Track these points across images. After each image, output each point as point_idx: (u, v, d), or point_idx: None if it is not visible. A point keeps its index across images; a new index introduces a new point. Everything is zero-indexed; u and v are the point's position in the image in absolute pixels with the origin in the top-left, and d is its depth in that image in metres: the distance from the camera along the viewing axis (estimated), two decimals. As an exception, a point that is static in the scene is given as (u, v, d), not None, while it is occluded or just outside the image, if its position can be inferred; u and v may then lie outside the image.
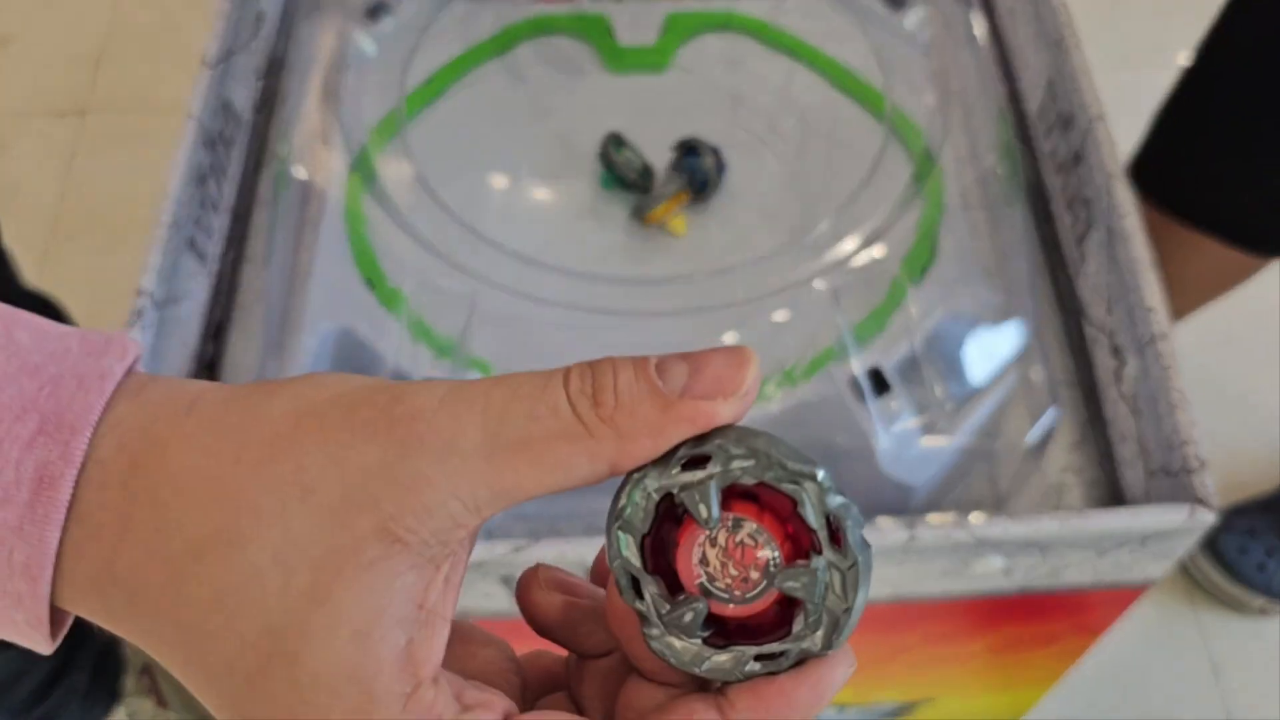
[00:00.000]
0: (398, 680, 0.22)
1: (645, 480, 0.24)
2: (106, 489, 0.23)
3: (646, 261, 0.72)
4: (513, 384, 0.23)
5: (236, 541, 0.22)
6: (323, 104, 0.76)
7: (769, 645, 0.24)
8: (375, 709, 0.22)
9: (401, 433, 0.23)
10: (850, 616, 0.24)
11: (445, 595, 0.23)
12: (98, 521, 0.23)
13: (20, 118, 1.62)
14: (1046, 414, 0.66)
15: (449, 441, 0.22)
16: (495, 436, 0.23)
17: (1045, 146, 0.77)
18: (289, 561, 0.22)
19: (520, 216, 0.73)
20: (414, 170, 0.73)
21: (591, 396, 0.23)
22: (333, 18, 0.80)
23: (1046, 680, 0.81)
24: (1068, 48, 0.73)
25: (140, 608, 0.23)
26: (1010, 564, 0.60)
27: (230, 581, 0.22)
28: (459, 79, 0.79)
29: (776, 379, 0.65)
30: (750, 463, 0.24)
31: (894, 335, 0.66)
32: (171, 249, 0.64)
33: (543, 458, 0.23)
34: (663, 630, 0.25)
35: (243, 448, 0.23)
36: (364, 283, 0.68)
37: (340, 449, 0.23)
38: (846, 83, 0.79)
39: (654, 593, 0.25)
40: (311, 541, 0.22)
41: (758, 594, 0.25)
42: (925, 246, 0.70)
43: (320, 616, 0.22)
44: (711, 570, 0.25)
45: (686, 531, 0.25)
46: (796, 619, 0.24)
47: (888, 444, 0.63)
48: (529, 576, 0.28)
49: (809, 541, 0.24)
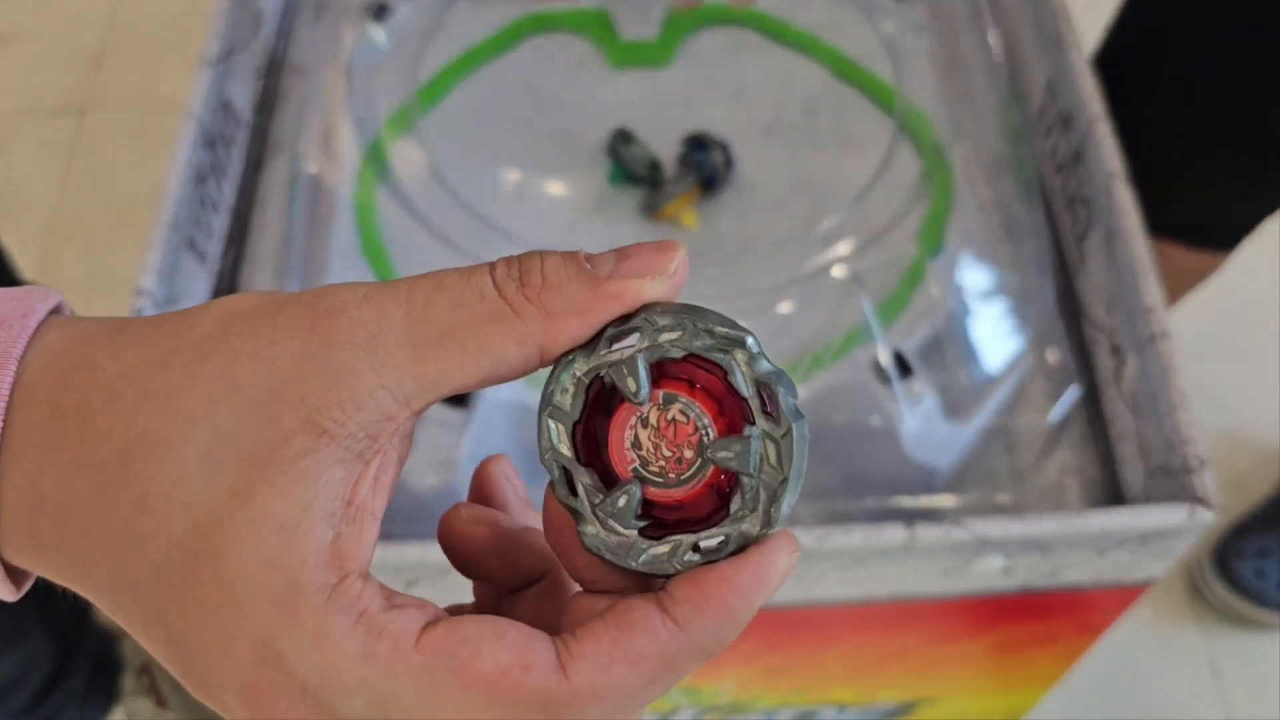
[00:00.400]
0: (323, 571, 0.22)
1: (574, 363, 0.24)
2: (33, 408, 0.23)
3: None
4: (436, 276, 0.23)
5: (164, 442, 0.22)
6: (334, 101, 0.76)
7: (707, 532, 0.24)
8: (300, 598, 0.21)
9: (325, 326, 0.22)
10: (787, 488, 0.23)
11: (375, 493, 0.23)
12: (23, 443, 0.22)
13: (20, 117, 1.62)
14: (1069, 391, 0.67)
15: (373, 333, 0.22)
16: (420, 325, 0.22)
17: (1045, 146, 0.77)
18: (216, 459, 0.22)
19: (531, 211, 0.74)
20: (427, 163, 0.73)
21: (518, 279, 0.23)
22: (334, 18, 0.81)
23: (1046, 680, 0.81)
24: (1068, 48, 0.73)
25: (67, 530, 0.22)
26: (1010, 564, 0.60)
27: (157, 482, 0.22)
28: (465, 77, 0.79)
29: (805, 364, 0.65)
30: (678, 333, 0.23)
31: (915, 317, 0.66)
32: (171, 249, 0.64)
33: (469, 344, 0.23)
34: (598, 526, 0.24)
35: (173, 353, 0.23)
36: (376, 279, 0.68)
37: (267, 345, 0.22)
38: (852, 74, 0.79)
39: (587, 484, 0.24)
40: (238, 438, 0.22)
41: (692, 474, 0.24)
42: (937, 232, 0.70)
43: (246, 511, 0.21)
44: (644, 453, 0.24)
45: (617, 419, 0.24)
46: (733, 500, 0.24)
47: (912, 426, 0.63)
48: (451, 514, 0.27)
49: (742, 417, 0.24)
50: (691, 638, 0.23)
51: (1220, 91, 0.80)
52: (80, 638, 1.01)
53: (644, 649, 0.23)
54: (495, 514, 0.28)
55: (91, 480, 0.22)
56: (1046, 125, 0.77)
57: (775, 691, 0.78)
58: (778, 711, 0.82)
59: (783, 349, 0.66)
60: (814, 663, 0.73)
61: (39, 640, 0.94)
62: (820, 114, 0.78)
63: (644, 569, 0.24)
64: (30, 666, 0.94)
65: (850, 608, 0.64)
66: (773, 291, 0.67)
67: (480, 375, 0.23)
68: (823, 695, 0.80)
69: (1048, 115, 0.76)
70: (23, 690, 0.95)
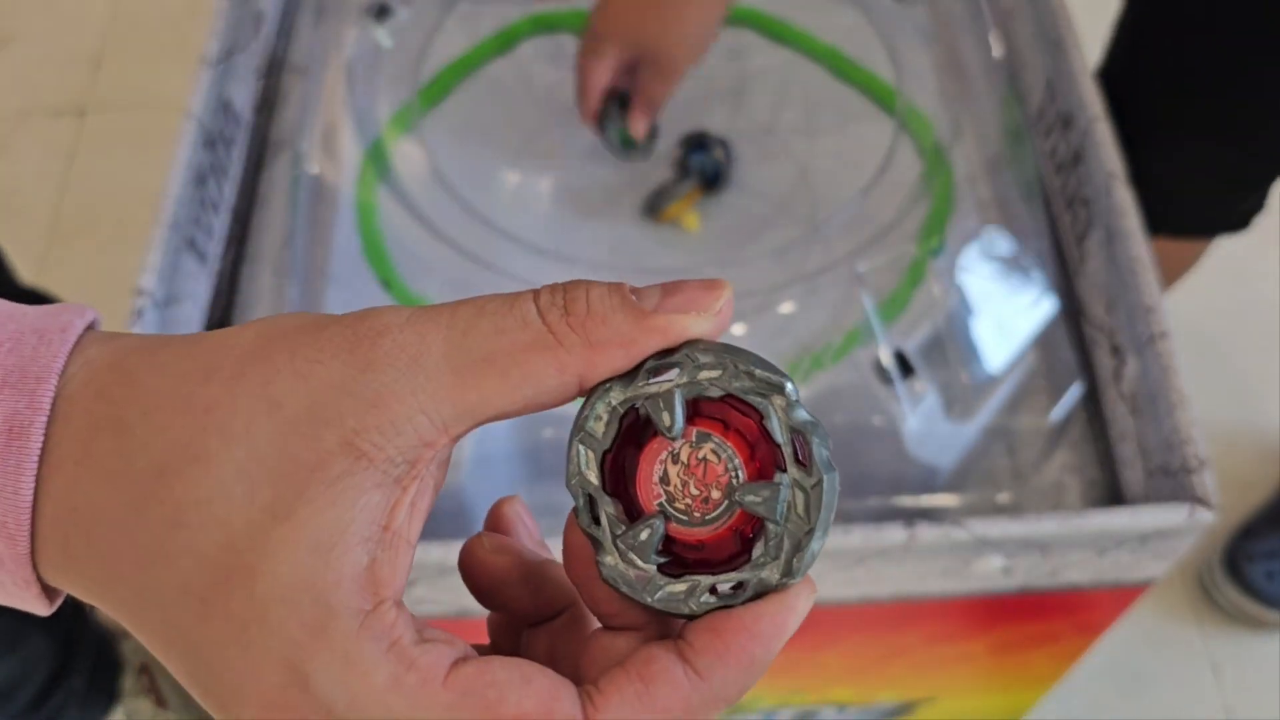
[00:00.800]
0: (357, 596, 0.21)
1: (610, 392, 0.24)
2: (71, 420, 0.22)
3: (660, 254, 0.73)
4: (479, 302, 0.23)
5: (201, 457, 0.22)
6: (335, 101, 0.76)
7: (726, 575, 0.23)
8: (332, 621, 0.21)
9: (367, 349, 0.22)
10: (812, 540, 0.23)
11: (411, 520, 0.23)
12: (60, 455, 0.22)
13: (20, 117, 1.62)
14: (1069, 391, 0.67)
15: (414, 357, 0.22)
16: (461, 351, 0.22)
17: (1045, 146, 0.77)
18: (253, 476, 0.21)
19: (531, 211, 0.74)
20: (428, 163, 0.73)
21: (563, 307, 0.23)
22: (334, 18, 0.81)
23: (1046, 680, 0.81)
24: (1067, 48, 0.73)
25: (96, 543, 0.22)
26: (1010, 564, 0.60)
27: (193, 497, 0.21)
28: (465, 77, 0.79)
29: (806, 364, 0.65)
30: (718, 372, 0.23)
31: (916, 316, 0.67)
32: (171, 249, 0.64)
33: (510, 371, 0.22)
34: (617, 558, 0.24)
35: (212, 369, 0.23)
36: (379, 283, 0.69)
37: (307, 364, 0.22)
38: (852, 74, 0.79)
39: (610, 514, 0.24)
40: (276, 456, 0.21)
41: (718, 515, 0.24)
42: (937, 232, 0.70)
43: (281, 531, 0.21)
44: (672, 489, 0.24)
45: (648, 453, 0.24)
46: (756, 546, 0.23)
47: (914, 425, 0.63)
48: (473, 543, 0.27)
49: (774, 463, 0.23)
50: (713, 687, 0.23)
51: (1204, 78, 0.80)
52: (80, 638, 1.01)
53: (667, 701, 0.22)
54: (518, 544, 0.27)
55: (125, 493, 0.22)
56: (1046, 125, 0.77)
57: (775, 691, 0.78)
58: (778, 711, 0.82)
59: (783, 349, 0.66)
60: (814, 662, 0.73)
61: (40, 641, 0.94)
62: (820, 114, 0.78)
63: (659, 606, 0.24)
64: (31, 667, 0.94)
65: (850, 608, 0.64)
66: (773, 291, 0.67)
67: (520, 403, 0.23)
68: (823, 695, 0.80)
69: (1048, 115, 0.76)
70: (24, 691, 0.95)
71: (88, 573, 0.22)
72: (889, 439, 0.64)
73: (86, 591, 0.23)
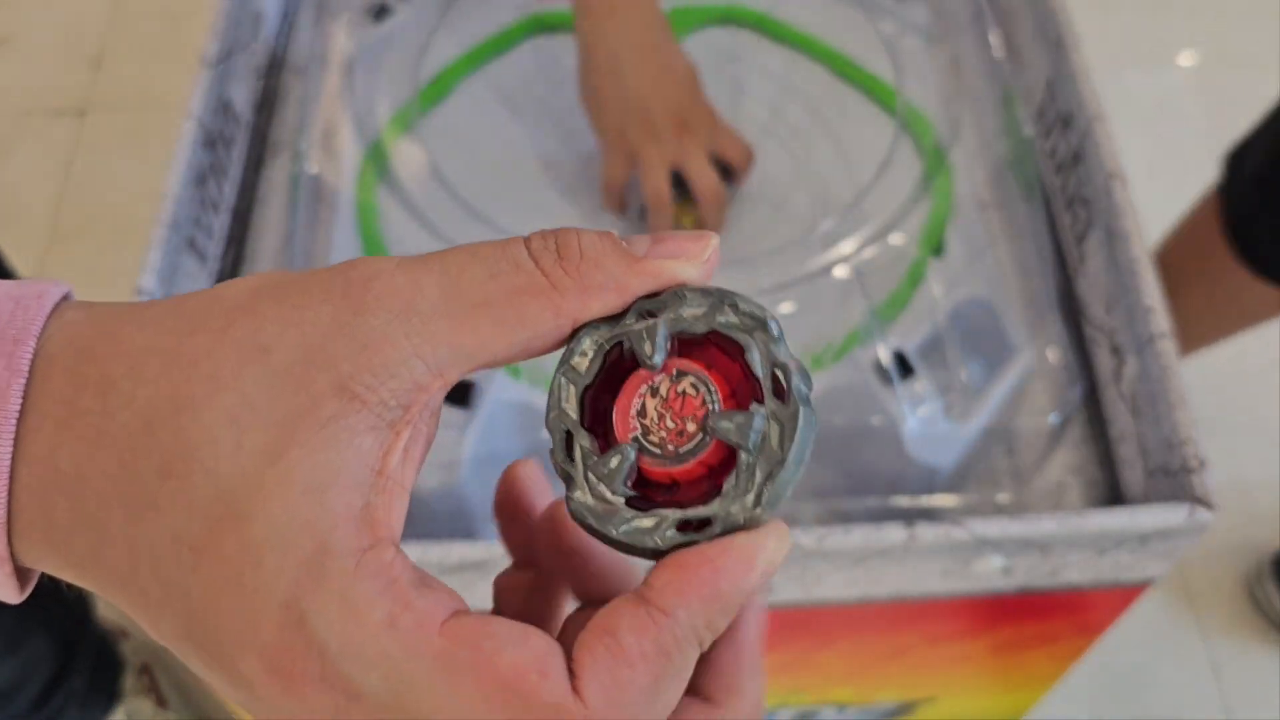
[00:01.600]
0: (354, 535, 0.21)
1: (598, 329, 0.24)
2: (51, 379, 0.22)
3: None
4: (472, 248, 0.23)
5: (189, 406, 0.21)
6: (334, 101, 0.76)
7: (695, 509, 0.23)
8: (329, 561, 0.21)
9: (358, 293, 0.22)
10: (783, 471, 0.23)
11: (405, 465, 0.22)
12: (40, 416, 0.21)
13: (20, 117, 1.62)
14: (1069, 391, 0.67)
15: (408, 301, 0.22)
16: (455, 295, 0.22)
17: (1045, 146, 0.77)
18: (244, 422, 0.21)
19: (531, 211, 0.74)
20: (428, 163, 0.73)
21: (555, 251, 0.23)
22: (334, 18, 0.81)
23: (1046, 680, 0.81)
24: (1067, 48, 0.73)
25: (84, 505, 0.21)
26: (1010, 564, 0.60)
27: (181, 447, 0.21)
28: (465, 77, 0.79)
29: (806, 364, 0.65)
30: (703, 309, 0.24)
31: (916, 316, 0.66)
32: (171, 249, 0.64)
33: (505, 314, 0.22)
34: (586, 491, 0.24)
35: (199, 322, 0.22)
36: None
37: (296, 311, 0.22)
38: (852, 74, 0.79)
39: (585, 446, 0.24)
40: (267, 401, 0.21)
41: (691, 448, 0.24)
42: (937, 232, 0.70)
43: (273, 473, 0.21)
44: (648, 422, 0.24)
45: (628, 388, 0.24)
46: (727, 480, 0.23)
47: (914, 426, 0.63)
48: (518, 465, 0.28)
49: (753, 400, 0.23)
50: (681, 623, 0.22)
51: None
52: (81, 639, 1.01)
53: (637, 645, 0.22)
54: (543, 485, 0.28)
55: (112, 449, 0.21)
56: (1046, 125, 0.77)
57: (775, 691, 0.78)
58: (778, 711, 0.82)
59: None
60: (814, 662, 0.73)
61: (40, 642, 0.94)
62: (820, 114, 0.78)
63: (624, 539, 0.23)
64: (32, 669, 0.94)
65: (850, 608, 0.64)
66: (773, 291, 0.67)
67: (515, 347, 0.23)
68: (823, 695, 0.80)
69: (1048, 115, 0.76)
70: (24, 692, 0.95)
71: (74, 541, 0.22)
72: (889, 439, 0.64)
73: (71, 564, 0.22)
